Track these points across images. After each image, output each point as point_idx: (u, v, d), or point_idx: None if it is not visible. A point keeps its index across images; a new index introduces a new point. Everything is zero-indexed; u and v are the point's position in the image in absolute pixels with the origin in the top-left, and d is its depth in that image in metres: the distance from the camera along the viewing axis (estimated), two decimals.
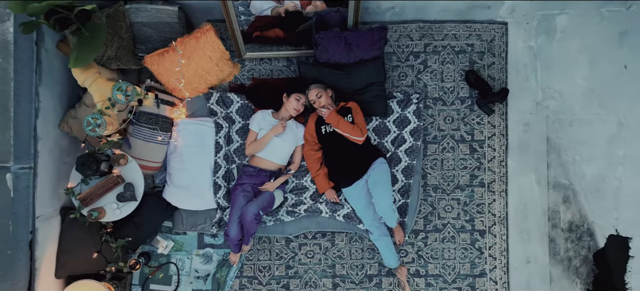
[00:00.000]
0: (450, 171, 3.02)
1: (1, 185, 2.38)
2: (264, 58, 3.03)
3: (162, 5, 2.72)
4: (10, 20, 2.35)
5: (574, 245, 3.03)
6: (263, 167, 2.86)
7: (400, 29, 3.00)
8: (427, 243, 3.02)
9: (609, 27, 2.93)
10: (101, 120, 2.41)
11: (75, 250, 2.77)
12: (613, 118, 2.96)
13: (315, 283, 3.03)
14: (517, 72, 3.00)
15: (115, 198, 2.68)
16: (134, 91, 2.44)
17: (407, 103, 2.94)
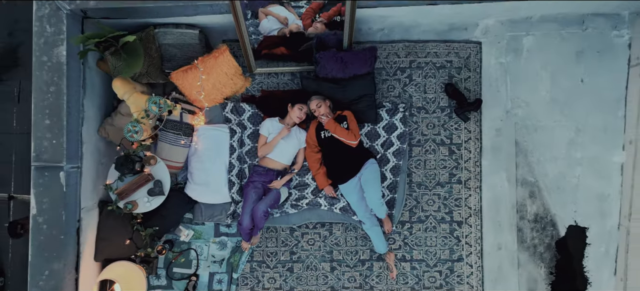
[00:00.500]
0: (432, 170, 3.54)
1: (56, 182, 2.90)
2: (271, 73, 3.55)
3: (185, 29, 3.23)
4: (64, 45, 2.87)
5: (539, 234, 3.55)
6: (271, 166, 3.38)
7: (389, 47, 3.51)
8: (412, 232, 3.54)
9: (567, 47, 3.44)
10: (139, 127, 2.93)
11: (111, 237, 3.29)
12: (572, 124, 3.48)
13: (315, 267, 3.55)
14: (489, 85, 3.51)
15: (146, 193, 3.20)
16: (165, 103, 2.97)
17: (395, 111, 3.45)
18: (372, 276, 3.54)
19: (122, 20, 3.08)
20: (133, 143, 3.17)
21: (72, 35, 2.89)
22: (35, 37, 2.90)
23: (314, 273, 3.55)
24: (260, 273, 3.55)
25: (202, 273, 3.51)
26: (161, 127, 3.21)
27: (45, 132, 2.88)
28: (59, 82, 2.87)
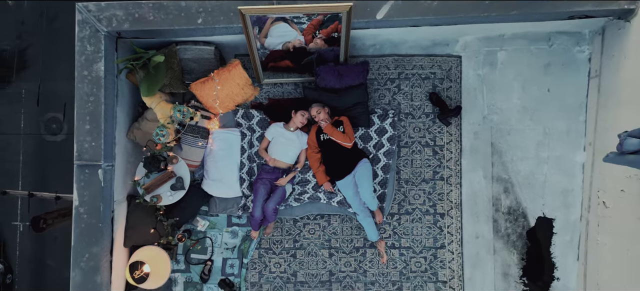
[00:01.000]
0: (418, 168, 4.08)
1: (95, 178, 3.44)
2: (277, 83, 4.09)
3: (202, 46, 3.77)
4: (102, 61, 3.40)
5: (512, 225, 4.09)
6: (277, 165, 3.92)
7: (380, 61, 4.05)
8: (400, 223, 4.08)
9: (536, 60, 3.98)
10: (165, 131, 3.47)
11: (138, 226, 3.83)
12: (540, 128, 4.02)
13: (315, 253, 4.09)
14: (468, 94, 4.05)
15: (169, 188, 3.74)
16: (188, 111, 3.51)
17: (385, 117, 3.99)
18: (366, 262, 4.09)
19: (150, 39, 3.62)
20: (157, 144, 3.71)
21: (108, 53, 3.43)
22: (77, 55, 3.43)
23: (314, 258, 4.09)
24: (267, 259, 4.09)
25: (217, 259, 4.05)
26: (183, 131, 3.75)
27: (86, 135, 3.42)
28: (97, 93, 3.41)
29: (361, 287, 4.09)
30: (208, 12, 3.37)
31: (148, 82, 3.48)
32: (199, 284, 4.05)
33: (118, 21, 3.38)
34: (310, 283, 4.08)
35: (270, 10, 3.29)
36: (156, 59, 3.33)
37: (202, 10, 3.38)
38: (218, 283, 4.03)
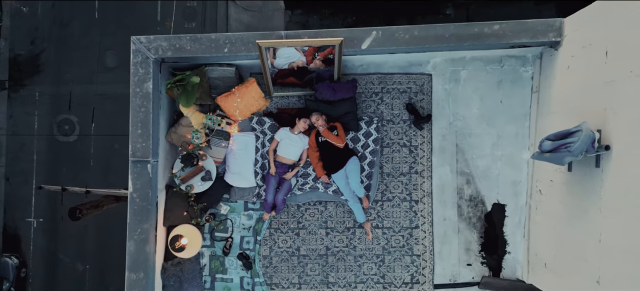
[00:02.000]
0: (397, 164, 5.21)
1: (145, 171, 4.56)
2: (284, 96, 5.22)
3: (225, 67, 4.90)
4: (150, 81, 4.53)
5: (472, 210, 5.23)
6: (284, 162, 5.05)
7: (366, 78, 5.19)
8: (382, 207, 5.22)
9: (491, 78, 5.11)
10: (199, 134, 4.61)
11: (174, 209, 4.95)
12: (494, 132, 5.15)
13: (315, 232, 5.22)
14: (437, 104, 5.18)
15: (200, 179, 4.88)
16: (217, 119, 4.65)
17: (371, 123, 5.12)
18: (355, 239, 5.22)
19: (185, 63, 4.75)
20: (190, 144, 4.85)
21: (155, 74, 4.56)
22: (132, 76, 4.56)
23: (314, 236, 5.22)
24: (276, 237, 5.23)
25: (236, 236, 5.19)
26: (211, 135, 4.89)
27: (138, 138, 4.55)
28: (147, 105, 4.54)
29: (351, 260, 5.22)
30: (232, 44, 4.51)
31: (186, 96, 4.61)
32: (222, 257, 5.18)
33: (163, 50, 4.51)
34: (310, 256, 5.22)
35: (280, 44, 4.43)
36: (193, 80, 4.46)
37: (228, 42, 4.52)
38: (237, 256, 5.17)
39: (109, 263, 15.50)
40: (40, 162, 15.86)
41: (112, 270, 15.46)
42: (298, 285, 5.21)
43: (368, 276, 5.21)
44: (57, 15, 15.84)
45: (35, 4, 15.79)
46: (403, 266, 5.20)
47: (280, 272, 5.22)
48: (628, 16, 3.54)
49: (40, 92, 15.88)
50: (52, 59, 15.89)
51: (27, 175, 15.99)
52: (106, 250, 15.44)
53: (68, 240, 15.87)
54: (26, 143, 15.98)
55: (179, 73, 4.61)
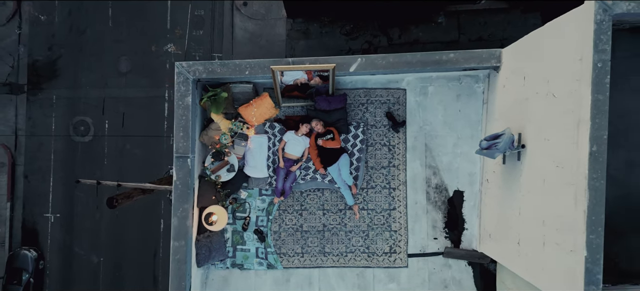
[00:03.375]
0: (379, 159, 6.90)
1: (185, 164, 6.25)
2: (290, 106, 6.92)
3: (245, 84, 6.61)
4: (190, 95, 6.22)
5: (438, 195, 6.92)
6: (290, 157, 6.74)
7: (355, 92, 6.88)
8: (367, 193, 6.91)
9: (452, 92, 6.80)
10: (226, 136, 6.32)
11: (205, 194, 6.65)
12: (455, 135, 6.84)
13: (314, 213, 6.92)
14: (410, 113, 6.88)
15: (226, 170, 6.58)
16: (240, 125, 6.36)
17: (358, 127, 6.82)
18: (346, 218, 6.92)
19: (215, 81, 6.46)
20: (218, 144, 6.55)
21: (193, 90, 6.26)
22: (176, 92, 6.25)
23: (313, 216, 6.92)
24: (284, 217, 6.92)
25: (252, 216, 6.89)
26: (235, 137, 6.60)
27: (181, 139, 6.24)
28: (187, 114, 6.24)
29: (343, 234, 6.93)
30: (252, 68, 6.22)
31: (216, 107, 6.31)
32: (241, 232, 6.88)
33: (199, 72, 6.21)
34: (310, 231, 6.92)
35: (288, 68, 6.14)
36: (222, 95, 6.16)
37: (248, 66, 6.22)
38: (253, 231, 6.87)
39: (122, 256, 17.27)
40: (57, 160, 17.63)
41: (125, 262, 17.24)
42: (301, 254, 6.91)
43: (356, 247, 6.91)
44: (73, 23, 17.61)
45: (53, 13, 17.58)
46: (383, 240, 6.90)
47: (287, 244, 6.92)
48: (535, 54, 5.26)
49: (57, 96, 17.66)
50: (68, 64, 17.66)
51: (45, 173, 17.75)
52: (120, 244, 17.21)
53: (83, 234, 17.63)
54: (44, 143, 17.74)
55: (211, 90, 6.31)
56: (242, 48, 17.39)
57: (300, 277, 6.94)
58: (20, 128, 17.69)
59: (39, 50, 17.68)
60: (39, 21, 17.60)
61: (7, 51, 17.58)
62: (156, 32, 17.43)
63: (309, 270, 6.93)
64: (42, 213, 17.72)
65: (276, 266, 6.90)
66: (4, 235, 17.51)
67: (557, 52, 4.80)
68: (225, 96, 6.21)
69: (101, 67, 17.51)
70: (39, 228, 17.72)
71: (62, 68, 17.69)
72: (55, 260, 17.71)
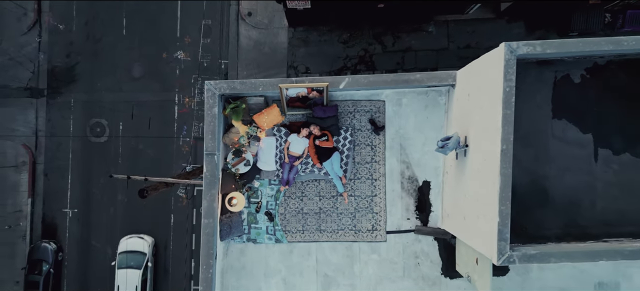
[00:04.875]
0: (363, 156, 9.19)
1: (212, 160, 8.55)
2: (293, 114, 9.22)
3: (258, 97, 8.91)
4: (216, 107, 8.52)
5: (410, 185, 9.20)
6: (293, 155, 9.04)
7: (344, 103, 9.17)
8: (355, 183, 9.20)
9: (421, 103, 9.08)
10: (244, 138, 8.63)
11: (226, 183, 8.95)
12: (424, 136, 9.12)
13: (311, 198, 9.21)
14: (389, 119, 9.16)
15: (243, 165, 8.89)
16: (255, 129, 8.67)
17: (347, 130, 9.10)
18: (337, 203, 9.21)
19: (235, 95, 8.76)
20: (237, 144, 8.86)
21: (218, 103, 8.55)
22: (206, 104, 8.53)
23: (312, 201, 9.21)
24: (288, 202, 9.22)
25: (263, 201, 9.19)
26: (250, 138, 8.90)
27: (209, 140, 8.54)
28: (214, 121, 8.53)
29: (335, 216, 9.21)
30: (265, 85, 8.52)
31: (236, 115, 8.60)
32: (254, 213, 9.18)
33: (223, 89, 8.50)
34: (309, 213, 9.21)
35: (292, 86, 8.44)
36: (242, 106, 8.46)
37: (262, 84, 8.53)
38: (264, 213, 9.16)
39: None
40: (75, 159, 20.04)
41: None
42: (302, 231, 9.21)
43: (345, 226, 9.21)
44: (89, 31, 20.01)
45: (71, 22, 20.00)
46: (367, 220, 9.19)
47: (291, 223, 9.21)
48: (475, 78, 7.56)
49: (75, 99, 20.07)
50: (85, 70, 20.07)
51: (63, 172, 20.16)
52: None
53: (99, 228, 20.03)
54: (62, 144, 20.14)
55: (232, 102, 8.60)
56: (247, 55, 19.80)
57: (301, 249, 9.24)
58: (40, 129, 20.07)
59: (57, 57, 20.07)
60: (58, 30, 19.97)
61: (28, 58, 19.98)
62: (167, 40, 19.82)
63: (308, 244, 9.23)
64: (61, 209, 20.11)
65: (282, 240, 9.19)
66: (26, 229, 19.88)
67: (485, 78, 7.08)
68: (244, 107, 8.51)
69: (115, 72, 19.91)
70: (57, 223, 20.09)
71: (80, 73, 20.07)
72: (73, 252, 20.08)
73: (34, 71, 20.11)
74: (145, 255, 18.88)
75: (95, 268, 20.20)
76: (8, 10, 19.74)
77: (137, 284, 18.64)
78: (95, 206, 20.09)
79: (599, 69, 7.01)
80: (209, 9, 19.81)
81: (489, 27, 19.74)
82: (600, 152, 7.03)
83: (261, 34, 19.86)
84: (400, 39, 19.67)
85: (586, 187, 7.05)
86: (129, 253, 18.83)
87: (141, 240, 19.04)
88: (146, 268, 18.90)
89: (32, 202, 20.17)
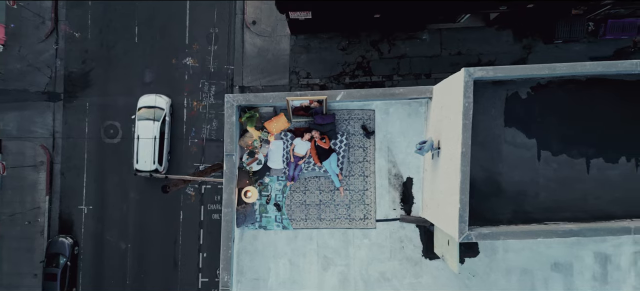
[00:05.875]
0: (356, 156, 11.47)
1: (231, 159, 10.84)
2: (298, 121, 11.51)
3: (268, 107, 11.20)
4: (234, 116, 10.80)
5: (396, 180, 11.48)
6: (298, 155, 11.33)
7: (341, 111, 11.45)
8: (349, 179, 11.49)
9: (405, 112, 11.35)
10: (258, 142, 10.93)
11: (242, 179, 11.25)
12: (408, 140, 11.38)
13: (313, 192, 11.50)
14: (377, 125, 11.44)
15: (256, 164, 11.18)
16: (266, 134, 10.97)
17: (343, 135, 11.39)
18: (334, 196, 11.49)
19: (250, 106, 11.05)
20: (250, 146, 11.16)
21: (236, 113, 10.83)
22: (226, 113, 10.82)
23: (312, 194, 11.50)
24: (293, 195, 11.51)
25: (272, 194, 11.48)
26: (262, 141, 11.19)
27: (229, 143, 10.83)
28: (232, 128, 10.81)
29: (332, 207, 11.50)
30: (274, 98, 10.81)
31: (250, 122, 10.88)
32: (265, 204, 11.47)
33: (240, 101, 10.79)
34: (311, 204, 11.50)
35: (296, 98, 10.73)
36: (256, 115, 10.75)
37: (272, 97, 10.82)
38: (273, 204, 11.46)
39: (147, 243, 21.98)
40: (90, 159, 22.36)
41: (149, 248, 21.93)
42: (305, 220, 11.50)
43: (341, 215, 11.49)
44: (103, 39, 22.32)
45: (86, 30, 22.33)
46: (359, 210, 11.48)
47: (296, 213, 11.50)
48: (445, 94, 9.86)
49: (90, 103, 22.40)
50: (99, 76, 22.37)
51: (79, 171, 22.48)
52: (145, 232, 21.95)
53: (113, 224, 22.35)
54: (78, 145, 22.44)
55: (248, 111, 10.88)
56: (252, 61, 22.12)
57: (304, 235, 11.52)
58: (57, 131, 22.38)
59: (73, 63, 22.37)
60: (74, 38, 22.27)
61: (46, 64, 22.30)
62: (176, 47, 22.14)
63: (310, 230, 11.52)
64: (77, 206, 22.42)
65: (288, 227, 11.48)
66: (44, 225, 22.19)
67: (451, 95, 9.35)
68: (257, 115, 10.80)
69: (128, 77, 22.22)
70: (74, 219, 22.40)
71: (94, 78, 22.38)
72: (88, 246, 22.39)
73: (51, 76, 22.39)
74: (164, 110, 21.24)
75: (108, 261, 22.51)
76: (27, 19, 22.06)
77: (156, 134, 20.80)
78: (109, 203, 22.38)
79: (541, 87, 9.28)
80: (216, 18, 22.10)
81: (479, 35, 22.01)
82: (542, 153, 9.30)
83: (265, 41, 22.14)
84: (395, 46, 21.95)
85: (531, 181, 9.32)
86: (148, 108, 20.98)
87: (160, 97, 21.43)
88: (164, 122, 21.19)
89: (49, 199, 22.42)
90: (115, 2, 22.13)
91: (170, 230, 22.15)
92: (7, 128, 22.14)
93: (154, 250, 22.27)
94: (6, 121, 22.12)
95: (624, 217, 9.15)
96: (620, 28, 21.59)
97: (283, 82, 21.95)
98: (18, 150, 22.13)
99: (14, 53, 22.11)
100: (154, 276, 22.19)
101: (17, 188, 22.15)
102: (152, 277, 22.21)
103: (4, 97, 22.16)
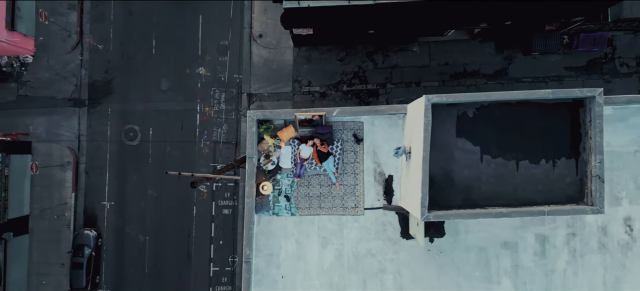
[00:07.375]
0: (349, 158, 15.90)
1: (252, 161, 15.26)
2: (303, 131, 15.96)
3: (280, 120, 15.63)
4: (254, 126, 15.23)
5: (380, 177, 15.91)
6: (303, 157, 15.78)
7: (337, 123, 15.89)
8: (343, 176, 15.92)
9: (387, 123, 15.74)
10: (273, 147, 15.40)
11: (259, 176, 15.70)
12: (391, 145, 15.79)
13: (315, 186, 15.93)
14: (366, 134, 15.86)
15: (270, 164, 15.64)
16: (278, 141, 15.44)
17: (338, 141, 15.82)
18: (332, 189, 15.93)
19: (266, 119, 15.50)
20: (266, 150, 15.62)
21: (255, 124, 15.26)
22: (247, 125, 15.24)
23: (315, 188, 15.93)
24: (299, 189, 15.94)
25: (283, 188, 15.93)
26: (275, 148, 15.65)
27: (250, 148, 15.25)
28: (253, 137, 15.23)
29: (330, 198, 15.93)
30: (285, 113, 15.27)
31: (266, 131, 15.31)
32: (277, 196, 15.91)
33: (258, 116, 15.22)
34: (313, 196, 15.94)
35: (302, 113, 15.18)
36: (271, 126, 15.17)
37: (283, 113, 15.28)
38: (283, 196, 15.91)
39: (163, 236, 26.41)
40: (112, 160, 26.83)
41: (165, 240, 26.39)
42: (308, 208, 15.93)
43: (337, 204, 15.93)
44: (124, 51, 26.76)
45: (108, 43, 26.78)
46: (351, 200, 15.91)
47: (301, 203, 15.94)
48: (415, 113, 14.34)
49: (112, 108, 26.84)
50: (120, 84, 26.80)
51: (102, 170, 26.93)
52: (161, 226, 26.42)
53: (133, 219, 26.82)
54: (101, 146, 26.88)
55: (265, 123, 15.31)
56: (258, 70, 26.57)
57: (308, 220, 15.96)
58: (82, 134, 26.82)
59: (97, 72, 26.79)
60: (97, 50, 26.69)
61: (72, 73, 26.72)
62: (190, 58, 26.57)
63: (312, 216, 15.96)
64: (100, 202, 26.88)
65: (295, 214, 15.93)
66: (70, 219, 26.63)
67: (417, 114, 13.76)
68: (272, 127, 15.24)
69: (147, 85, 26.65)
70: (97, 214, 26.84)
71: (116, 86, 26.80)
72: (111, 238, 26.84)
73: (76, 84, 26.85)
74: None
75: (129, 252, 27.00)
76: (54, 33, 26.51)
77: None
78: (129, 199, 26.86)
79: (484, 108, 13.69)
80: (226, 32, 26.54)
81: (465, 47, 26.43)
82: (484, 156, 13.72)
83: (270, 53, 26.57)
84: (388, 57, 26.38)
85: (475, 178, 13.74)
86: None
87: None
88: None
89: (75, 196, 26.88)
90: (135, 17, 26.56)
91: (184, 224, 26.59)
92: (37, 132, 26.59)
93: (170, 242, 26.71)
94: (36, 125, 26.56)
95: (543, 203, 13.58)
96: (591, 41, 25.98)
97: (287, 89, 26.36)
98: (47, 151, 26.56)
99: (43, 63, 26.53)
100: (170, 266, 26.62)
101: (46, 186, 26.57)
102: (167, 266, 26.65)
103: (34, 103, 26.59)
